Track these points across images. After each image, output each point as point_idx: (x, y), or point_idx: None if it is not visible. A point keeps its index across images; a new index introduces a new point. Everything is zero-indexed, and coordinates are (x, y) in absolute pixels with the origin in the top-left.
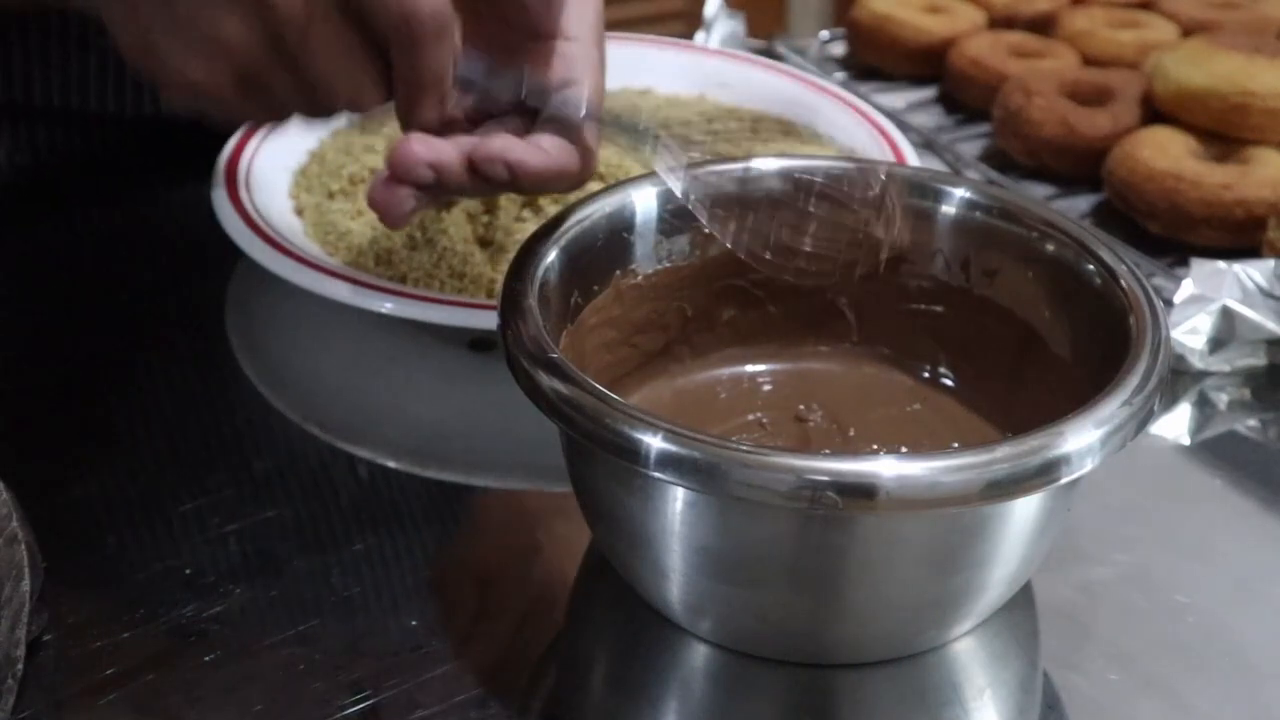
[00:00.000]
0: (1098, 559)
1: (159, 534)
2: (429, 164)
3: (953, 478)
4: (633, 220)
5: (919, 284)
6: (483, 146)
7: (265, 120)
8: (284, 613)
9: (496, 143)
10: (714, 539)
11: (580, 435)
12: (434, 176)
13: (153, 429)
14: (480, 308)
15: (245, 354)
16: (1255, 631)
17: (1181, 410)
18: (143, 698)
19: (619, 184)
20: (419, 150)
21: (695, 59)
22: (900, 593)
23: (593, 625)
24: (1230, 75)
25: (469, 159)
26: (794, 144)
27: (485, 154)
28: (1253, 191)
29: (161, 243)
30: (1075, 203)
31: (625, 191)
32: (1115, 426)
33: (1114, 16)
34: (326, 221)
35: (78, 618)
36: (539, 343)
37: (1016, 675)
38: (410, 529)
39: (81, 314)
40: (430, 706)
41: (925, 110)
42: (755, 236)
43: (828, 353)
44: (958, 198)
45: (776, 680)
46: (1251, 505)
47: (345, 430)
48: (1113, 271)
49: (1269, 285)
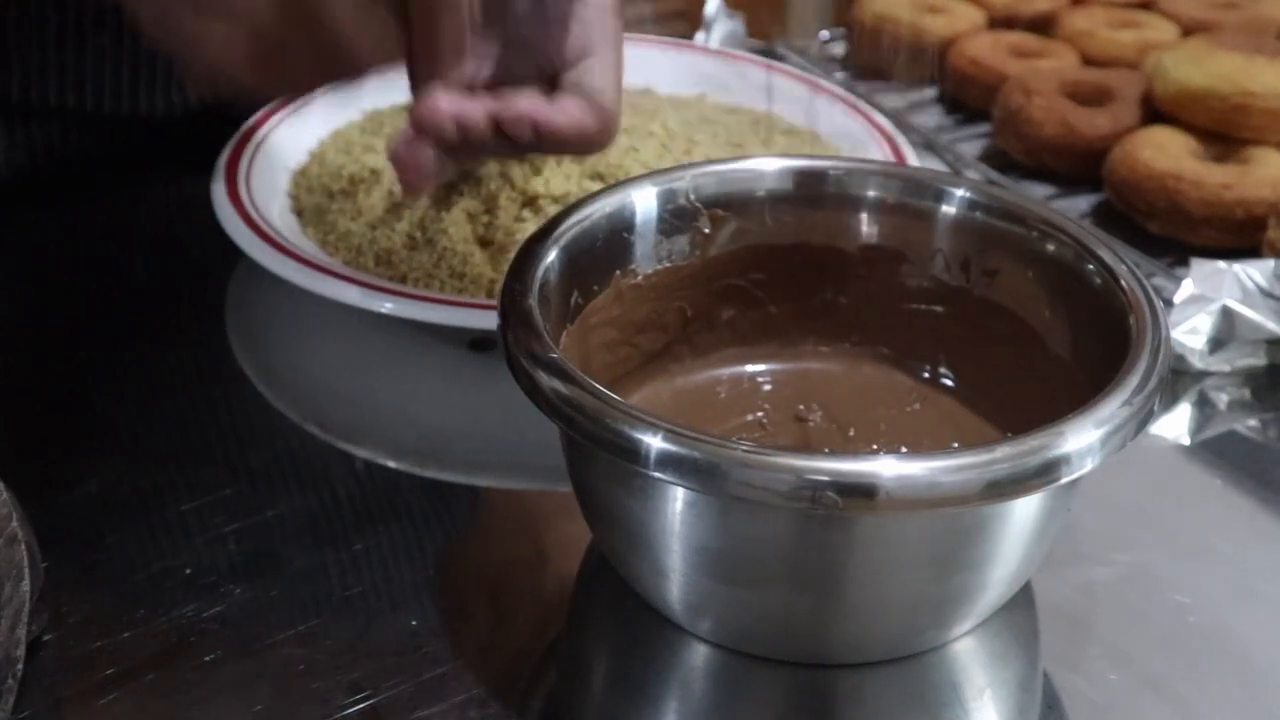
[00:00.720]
0: (1098, 559)
1: (159, 534)
2: (454, 118)
3: (953, 478)
4: (633, 220)
5: (919, 284)
6: (510, 106)
7: (287, 93)
8: (284, 613)
9: (524, 102)
10: (714, 539)
11: (580, 435)
12: (458, 134)
13: (153, 428)
14: (480, 308)
15: (245, 354)
16: (1255, 631)
17: (1181, 410)
18: (143, 698)
19: (619, 184)
20: (444, 105)
21: (695, 59)
22: (900, 593)
23: (593, 625)
24: (1230, 75)
25: (494, 118)
26: (794, 144)
27: (513, 113)
28: (1253, 191)
29: (161, 242)
30: (1075, 203)
31: (625, 191)
32: (1115, 426)
33: (1114, 16)
34: (326, 221)
35: (78, 618)
36: (539, 343)
37: (1016, 675)
38: (410, 529)
39: (81, 314)
40: (430, 706)
41: (925, 110)
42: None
43: (828, 353)
44: (958, 198)
45: (776, 680)
46: (1251, 505)
47: (345, 430)
48: (1113, 271)
49: (1269, 285)
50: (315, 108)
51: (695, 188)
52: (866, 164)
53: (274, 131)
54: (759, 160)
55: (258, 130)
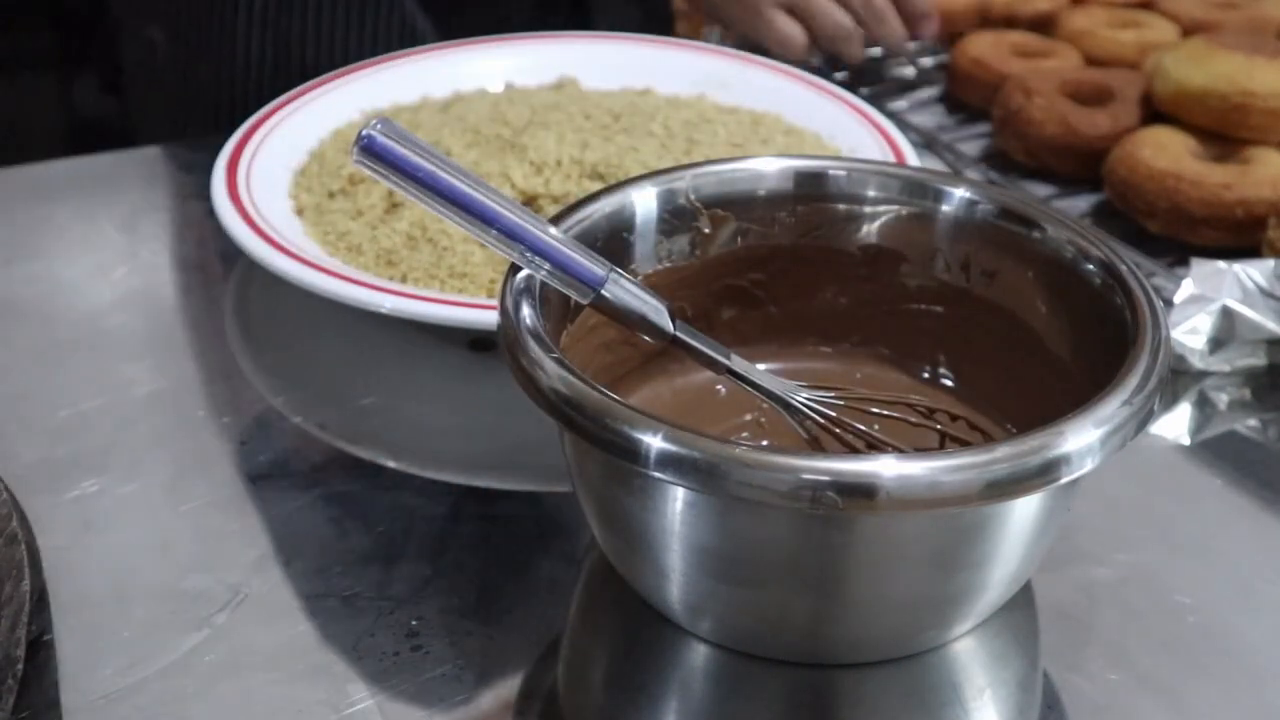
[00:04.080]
0: (1098, 559)
1: (159, 533)
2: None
3: (953, 478)
4: (633, 220)
5: (919, 284)
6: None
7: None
8: (284, 613)
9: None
10: (714, 539)
11: (580, 435)
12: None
13: (152, 428)
14: (480, 308)
15: (245, 354)
16: (1255, 631)
17: (1181, 410)
18: (143, 698)
19: (619, 184)
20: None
21: (695, 59)
22: (900, 593)
23: (593, 625)
24: (1230, 75)
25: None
26: (794, 144)
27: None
28: (1253, 191)
29: (161, 242)
30: (1075, 203)
31: (625, 191)
32: (1115, 426)
33: (1114, 16)
34: (326, 221)
35: (78, 618)
36: (539, 343)
37: (1016, 675)
38: (410, 529)
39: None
40: (430, 706)
41: (925, 110)
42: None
43: (828, 353)
44: (958, 198)
45: (776, 680)
46: (1251, 505)
47: (345, 430)
48: (1113, 271)
49: (1269, 285)
50: (315, 107)
51: (695, 188)
52: (866, 164)
53: (274, 131)
54: (759, 160)
55: (258, 130)
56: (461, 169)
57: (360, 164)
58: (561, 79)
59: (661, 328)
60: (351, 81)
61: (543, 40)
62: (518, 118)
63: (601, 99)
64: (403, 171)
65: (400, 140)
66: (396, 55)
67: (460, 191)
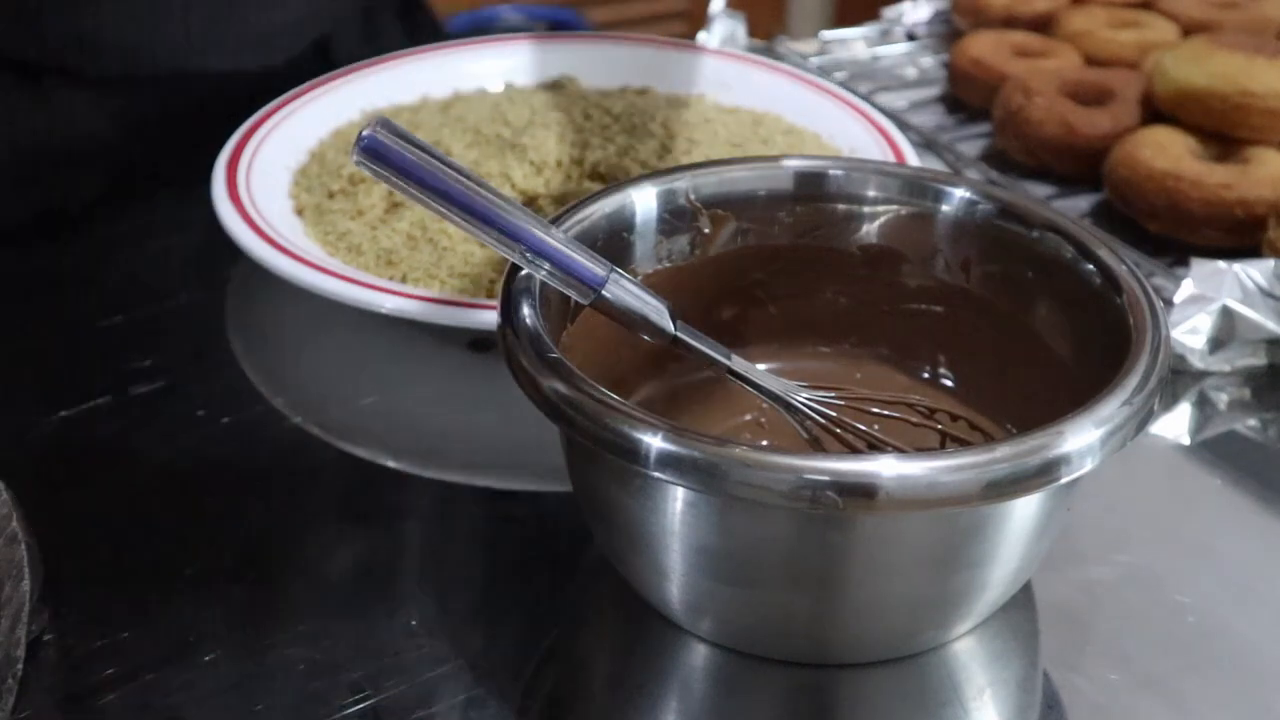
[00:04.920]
0: (1098, 559)
1: (159, 534)
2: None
3: (953, 478)
4: (633, 220)
5: (919, 284)
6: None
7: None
8: (284, 613)
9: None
10: (714, 539)
11: (580, 435)
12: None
13: (152, 428)
14: (480, 308)
15: (245, 354)
16: (1255, 631)
17: (1181, 410)
18: (143, 698)
19: (619, 184)
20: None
21: (695, 59)
22: (900, 592)
23: (593, 625)
24: (1230, 75)
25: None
26: (794, 144)
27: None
28: (1253, 191)
29: (161, 242)
30: (1075, 203)
31: (625, 192)
32: (1115, 426)
33: (1114, 16)
34: (326, 221)
35: (78, 618)
36: (539, 343)
37: (1016, 675)
38: (410, 529)
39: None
40: (430, 706)
41: (925, 110)
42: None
43: (828, 353)
44: (958, 198)
45: (776, 680)
46: (1251, 505)
47: (345, 430)
48: (1113, 271)
49: (1269, 285)
50: (315, 107)
51: (695, 188)
52: (866, 164)
53: (274, 131)
54: (759, 160)
55: (258, 130)
56: (462, 169)
57: (360, 164)
58: (561, 79)
59: (662, 328)
60: (351, 81)
61: (543, 40)
62: (518, 118)
63: (601, 99)
64: (403, 172)
65: (400, 140)
66: (397, 55)
67: (460, 192)
